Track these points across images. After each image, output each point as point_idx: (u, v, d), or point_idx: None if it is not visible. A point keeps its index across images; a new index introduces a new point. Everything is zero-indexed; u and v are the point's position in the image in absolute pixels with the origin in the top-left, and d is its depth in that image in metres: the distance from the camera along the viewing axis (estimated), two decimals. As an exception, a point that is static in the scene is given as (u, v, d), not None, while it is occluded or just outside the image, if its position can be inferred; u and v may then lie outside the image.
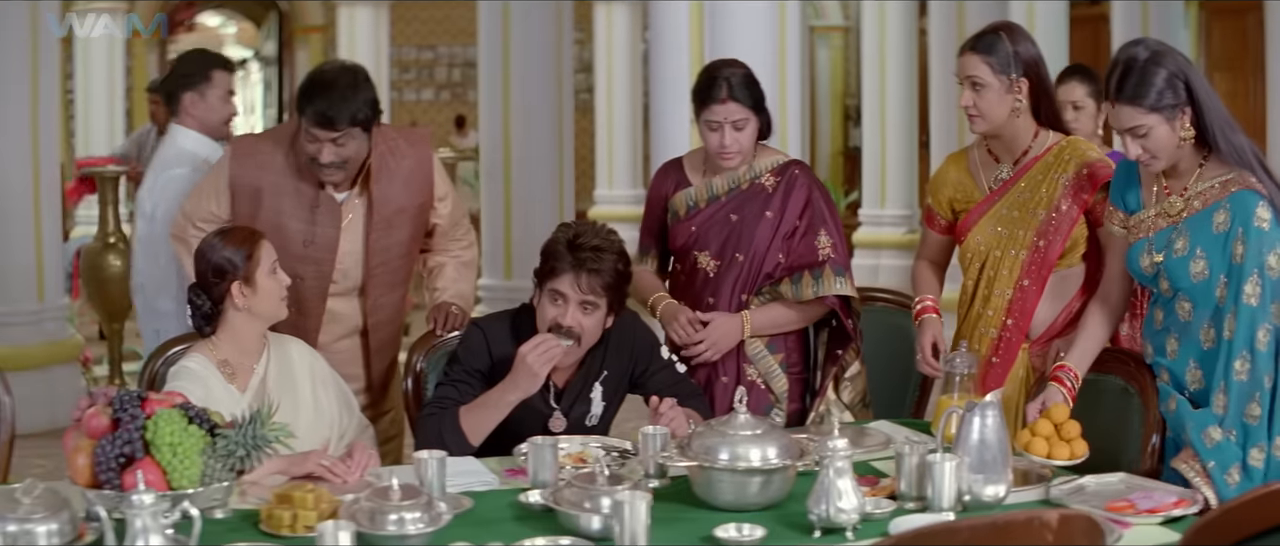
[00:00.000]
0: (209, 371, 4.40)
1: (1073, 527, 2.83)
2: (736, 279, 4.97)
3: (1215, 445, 3.99)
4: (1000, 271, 4.73)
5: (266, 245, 4.50)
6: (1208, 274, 4.06)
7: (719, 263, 4.99)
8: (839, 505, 3.60)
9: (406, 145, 5.11)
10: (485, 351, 4.62)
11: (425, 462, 3.95)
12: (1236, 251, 4.01)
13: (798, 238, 4.96)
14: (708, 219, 5.00)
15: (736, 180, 4.99)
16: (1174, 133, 4.05)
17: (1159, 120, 4.04)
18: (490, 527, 3.70)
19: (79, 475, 3.64)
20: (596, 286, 4.48)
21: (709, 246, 4.99)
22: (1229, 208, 4.05)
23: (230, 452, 3.66)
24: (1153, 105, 4.02)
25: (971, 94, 4.64)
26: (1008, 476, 3.87)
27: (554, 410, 4.64)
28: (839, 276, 4.94)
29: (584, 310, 4.50)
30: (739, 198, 4.98)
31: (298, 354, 4.62)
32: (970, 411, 3.90)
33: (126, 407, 3.63)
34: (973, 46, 4.66)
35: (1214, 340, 4.06)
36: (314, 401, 4.53)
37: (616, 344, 4.70)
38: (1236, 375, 3.99)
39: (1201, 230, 4.08)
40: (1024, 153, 4.71)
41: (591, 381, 4.68)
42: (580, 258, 4.46)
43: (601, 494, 3.62)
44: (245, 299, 4.42)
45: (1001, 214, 4.73)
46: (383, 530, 3.50)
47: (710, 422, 4.02)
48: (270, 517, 3.65)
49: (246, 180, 5.01)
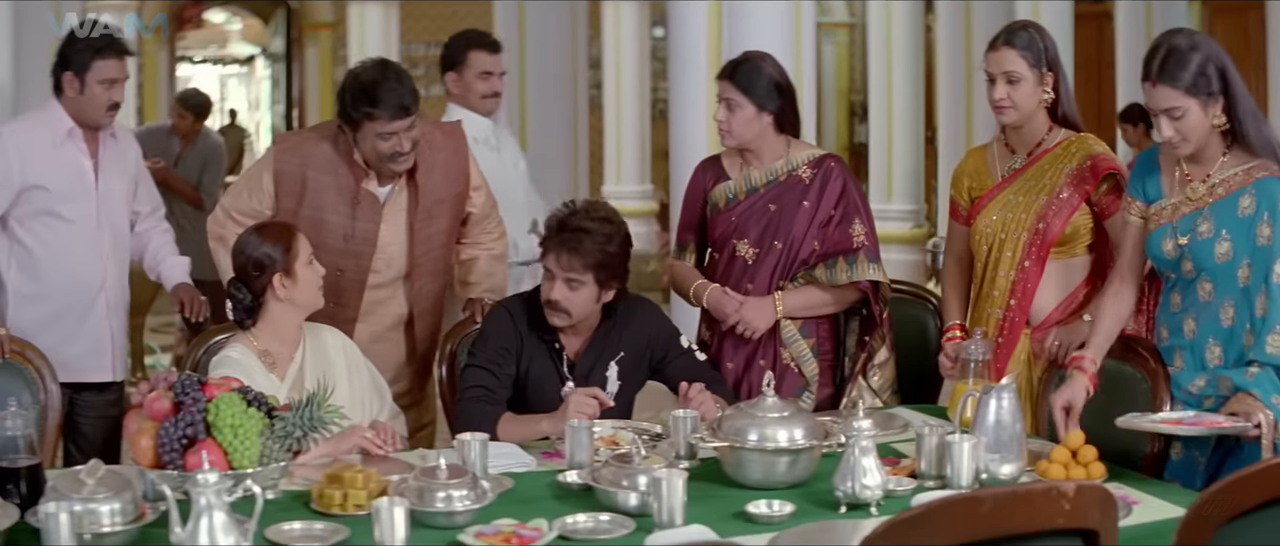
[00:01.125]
0: (251, 360, 4.54)
1: (1088, 498, 2.98)
2: (774, 265, 5.12)
3: (1254, 377, 4.11)
4: (1004, 253, 4.90)
5: (302, 238, 4.65)
6: (1232, 256, 4.21)
7: (758, 250, 5.13)
8: (863, 482, 3.79)
9: (443, 137, 5.30)
10: (512, 329, 4.84)
11: (468, 444, 4.12)
12: (1262, 233, 4.15)
13: (833, 226, 5.12)
14: (747, 209, 5.14)
15: (774, 173, 5.15)
16: (1207, 118, 4.19)
17: (1193, 104, 4.17)
18: (532, 505, 3.86)
19: (142, 456, 3.78)
20: (577, 265, 4.69)
21: (748, 235, 5.14)
22: (1254, 193, 4.19)
23: (288, 434, 3.81)
24: (1188, 88, 4.16)
25: (1006, 87, 4.79)
26: (1023, 455, 4.06)
27: (568, 380, 4.85)
28: (872, 263, 5.11)
29: (570, 286, 4.72)
30: (777, 189, 5.14)
31: (332, 342, 4.76)
32: (986, 394, 4.09)
33: (188, 391, 3.78)
34: (1008, 41, 4.81)
35: (1234, 319, 4.20)
36: (349, 387, 4.67)
37: (634, 328, 4.92)
38: (1270, 348, 4.12)
39: (1227, 214, 4.22)
40: (1037, 145, 4.88)
41: (607, 359, 4.88)
42: (562, 238, 4.71)
43: (639, 472, 3.79)
44: (286, 290, 4.56)
45: (1008, 199, 4.90)
46: (432, 507, 3.66)
47: (740, 405, 4.21)
48: (321, 497, 3.80)
49: (292, 171, 5.16)
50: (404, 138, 5.01)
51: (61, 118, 5.38)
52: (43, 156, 5.34)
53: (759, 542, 3.48)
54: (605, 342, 4.89)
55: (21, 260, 5.39)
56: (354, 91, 5.03)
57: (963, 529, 2.87)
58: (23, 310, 5.35)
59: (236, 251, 4.66)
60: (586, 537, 3.62)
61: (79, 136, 5.40)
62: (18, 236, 5.37)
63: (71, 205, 5.38)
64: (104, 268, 5.49)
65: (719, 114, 5.10)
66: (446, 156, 5.28)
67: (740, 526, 3.69)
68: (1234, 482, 3.24)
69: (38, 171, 5.33)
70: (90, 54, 5.34)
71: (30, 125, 5.45)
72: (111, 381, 5.59)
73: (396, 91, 4.98)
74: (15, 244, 5.38)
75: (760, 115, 5.08)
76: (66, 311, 5.42)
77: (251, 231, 4.70)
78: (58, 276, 5.39)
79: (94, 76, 5.34)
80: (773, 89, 5.09)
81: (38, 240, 5.36)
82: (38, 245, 5.36)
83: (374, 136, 5.01)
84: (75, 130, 5.38)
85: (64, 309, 5.42)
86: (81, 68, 5.34)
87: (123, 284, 5.63)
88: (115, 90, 5.39)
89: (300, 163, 5.17)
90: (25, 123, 5.53)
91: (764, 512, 3.76)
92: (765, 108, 5.07)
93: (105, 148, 5.47)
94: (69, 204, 5.37)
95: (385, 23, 19.68)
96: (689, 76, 6.52)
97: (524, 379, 4.85)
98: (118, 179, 5.53)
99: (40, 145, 5.35)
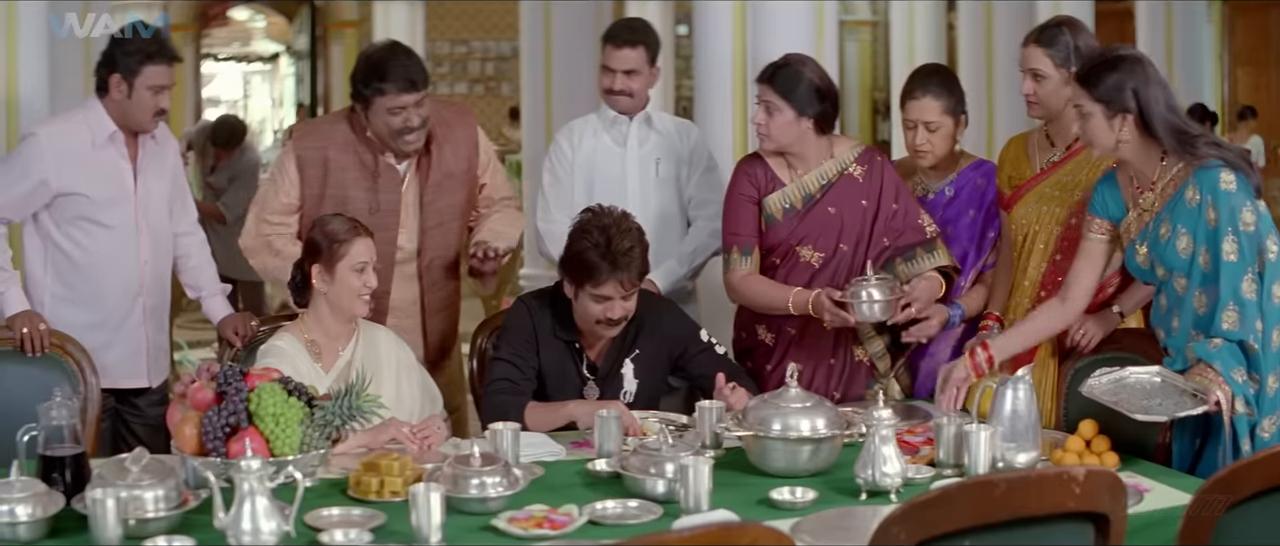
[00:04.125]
0: (297, 350, 4.65)
1: (1098, 483, 3.08)
2: (844, 267, 5.13)
3: (1218, 349, 4.21)
4: (1036, 245, 5.01)
5: (363, 243, 4.68)
6: (1192, 248, 4.31)
7: (824, 254, 5.14)
8: (883, 470, 3.91)
9: (453, 115, 5.46)
10: (530, 325, 4.94)
11: (500, 434, 4.25)
12: (1210, 218, 4.26)
13: (898, 218, 5.15)
14: (807, 216, 5.13)
15: (826, 175, 5.15)
16: (1112, 130, 4.38)
17: (1097, 110, 4.38)
18: (563, 492, 3.98)
19: (186, 444, 3.89)
20: (634, 277, 4.79)
21: (813, 241, 5.14)
22: (1196, 183, 4.31)
23: (327, 422, 3.92)
24: (1092, 90, 4.40)
25: (1032, 83, 4.93)
26: (1038, 444, 4.17)
27: (588, 380, 4.97)
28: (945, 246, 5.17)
29: (627, 299, 4.81)
30: (833, 191, 5.14)
31: (386, 343, 4.86)
32: (1003, 385, 4.20)
33: (231, 381, 3.90)
34: (1036, 39, 4.95)
35: (1206, 304, 4.29)
36: (396, 389, 4.76)
37: (650, 327, 5.01)
38: (1225, 323, 4.22)
39: (1178, 210, 4.34)
40: (1076, 139, 4.94)
41: (623, 357, 4.99)
42: (614, 261, 4.73)
43: (666, 460, 3.91)
44: (324, 284, 4.66)
45: (1044, 192, 5.01)
46: (466, 493, 3.79)
47: (764, 396, 4.32)
48: (358, 484, 3.92)
49: (313, 155, 5.30)
50: (413, 113, 5.16)
51: (103, 120, 5.21)
52: (81, 161, 5.20)
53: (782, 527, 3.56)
54: (624, 340, 4.99)
55: (59, 265, 5.28)
56: (364, 69, 5.21)
57: (978, 511, 2.98)
58: (61, 314, 5.24)
59: (311, 225, 4.82)
60: (615, 523, 3.73)
61: (121, 140, 5.24)
62: (55, 241, 5.26)
63: (110, 211, 5.26)
64: (143, 273, 5.36)
65: (757, 116, 5.12)
66: (458, 134, 5.43)
67: (764, 512, 3.80)
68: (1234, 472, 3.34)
69: (75, 177, 5.19)
70: (141, 58, 5.16)
71: (69, 127, 5.25)
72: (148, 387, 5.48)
73: (405, 67, 5.15)
74: (53, 249, 5.26)
75: (799, 120, 5.09)
76: (105, 318, 5.33)
77: (331, 215, 4.83)
78: (96, 283, 5.30)
79: (143, 82, 5.16)
80: (812, 93, 5.08)
81: (76, 245, 5.25)
82: (77, 250, 5.25)
83: (384, 112, 5.16)
84: (117, 134, 5.22)
85: (102, 316, 5.32)
86: (130, 71, 5.15)
87: (162, 286, 5.49)
88: (163, 97, 5.20)
89: (320, 145, 5.32)
90: (63, 125, 5.30)
91: (787, 499, 3.87)
92: (805, 113, 5.08)
93: (145, 150, 5.33)
94: (108, 210, 5.25)
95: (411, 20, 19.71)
96: (713, 74, 6.56)
97: (543, 375, 4.94)
98: (157, 180, 5.39)
99: (79, 148, 5.20)
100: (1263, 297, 4.21)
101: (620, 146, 5.81)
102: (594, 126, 5.87)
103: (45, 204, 5.22)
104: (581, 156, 5.80)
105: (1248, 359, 4.20)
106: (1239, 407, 4.15)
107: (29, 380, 4.91)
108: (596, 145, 5.81)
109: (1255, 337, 4.18)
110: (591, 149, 5.81)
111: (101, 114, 5.24)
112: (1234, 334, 4.21)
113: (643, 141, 5.81)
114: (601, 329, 4.85)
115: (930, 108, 5.19)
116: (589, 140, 5.83)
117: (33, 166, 5.17)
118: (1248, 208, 4.26)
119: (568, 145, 5.85)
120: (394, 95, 5.13)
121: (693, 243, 5.76)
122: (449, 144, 5.39)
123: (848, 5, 21.57)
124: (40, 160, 5.17)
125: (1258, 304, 4.21)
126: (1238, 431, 4.16)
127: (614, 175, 5.69)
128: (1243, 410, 4.15)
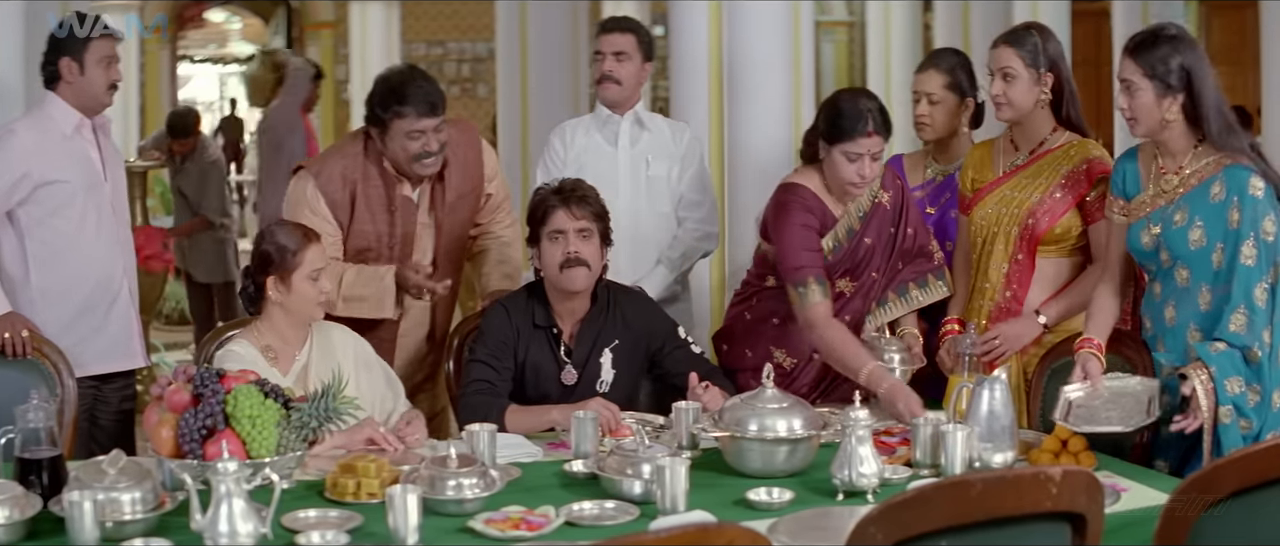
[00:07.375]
0: (253, 355, 4.63)
1: (1074, 482, 3.09)
2: (869, 293, 5.12)
3: (1219, 352, 4.26)
4: (996, 246, 5.02)
5: (316, 251, 4.68)
6: (1205, 242, 4.35)
7: (857, 284, 5.11)
8: (860, 470, 3.91)
9: (458, 133, 5.40)
10: (509, 323, 4.97)
11: (477, 435, 4.24)
12: (1232, 218, 4.30)
13: (911, 241, 5.15)
14: (851, 251, 5.07)
15: (862, 207, 5.08)
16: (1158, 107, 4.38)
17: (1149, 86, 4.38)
18: (540, 493, 3.98)
19: (163, 446, 3.89)
20: (587, 213, 4.88)
21: (851, 273, 5.09)
22: (1224, 180, 4.34)
23: (304, 424, 3.93)
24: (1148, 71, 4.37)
25: (1002, 84, 4.94)
26: (1014, 445, 4.19)
27: (566, 364, 4.98)
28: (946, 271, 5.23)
29: (582, 237, 4.87)
30: (869, 222, 5.08)
31: (341, 340, 4.84)
32: (979, 386, 4.22)
33: (207, 383, 3.89)
34: (1008, 41, 4.98)
35: (1212, 303, 4.34)
36: (356, 385, 4.70)
37: (629, 318, 5.04)
38: (1232, 326, 4.26)
39: (1199, 202, 4.37)
40: (1040, 144, 5.00)
41: (601, 346, 5.00)
42: (566, 196, 4.89)
43: (643, 461, 3.91)
44: (280, 295, 4.65)
45: (1005, 194, 5.02)
46: (443, 495, 3.79)
47: (740, 397, 4.33)
48: (335, 486, 3.92)
49: (338, 195, 5.21)
50: (432, 138, 5.11)
51: (67, 111, 5.38)
52: (58, 151, 5.35)
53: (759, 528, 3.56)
54: (600, 326, 5.01)
55: (44, 259, 5.35)
56: (383, 92, 5.15)
57: (954, 511, 2.98)
58: (50, 308, 5.33)
59: (258, 236, 4.78)
60: (592, 524, 3.73)
61: (88, 128, 5.43)
62: (36, 236, 5.34)
63: (89, 196, 5.39)
64: (125, 255, 5.55)
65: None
66: (464, 152, 5.40)
67: (741, 512, 3.80)
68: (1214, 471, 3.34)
69: (55, 165, 5.32)
70: (85, 36, 5.37)
71: (41, 121, 5.41)
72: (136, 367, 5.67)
73: (424, 90, 5.10)
74: (35, 244, 5.34)
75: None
76: (95, 303, 5.44)
77: (279, 223, 4.80)
78: (82, 269, 5.40)
79: (92, 57, 5.36)
80: None
81: (59, 235, 5.34)
82: (59, 240, 5.34)
83: (403, 136, 5.10)
84: (83, 122, 5.40)
85: (91, 302, 5.43)
86: (78, 51, 5.36)
87: (134, 268, 5.69)
88: (114, 70, 5.43)
89: (344, 181, 5.23)
90: (36, 119, 5.45)
91: (764, 499, 3.88)
92: None
93: (104, 137, 5.54)
94: (87, 195, 5.37)
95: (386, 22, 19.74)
96: (690, 75, 6.57)
97: (523, 368, 4.97)
98: (118, 168, 5.62)
99: (55, 139, 5.35)
100: (1274, 309, 4.25)
101: (612, 145, 5.87)
102: (587, 126, 5.96)
103: (22, 200, 5.30)
104: (573, 154, 5.86)
105: (1249, 367, 4.24)
106: (1224, 417, 4.21)
107: (6, 383, 4.91)
108: (588, 144, 5.88)
109: (1261, 346, 4.23)
110: (583, 147, 5.87)
111: (62, 105, 5.42)
112: (1240, 337, 4.25)
113: (634, 140, 5.88)
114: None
115: (933, 80, 5.40)
116: (581, 139, 5.90)
117: (15, 160, 5.29)
118: (1270, 217, 4.30)
119: (561, 143, 5.91)
120: (414, 119, 5.08)
121: (682, 246, 5.81)
122: (457, 164, 5.37)
123: (824, 5, 21.62)
124: (22, 153, 5.30)
125: (1268, 313, 4.26)
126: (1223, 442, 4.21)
127: (605, 173, 5.69)
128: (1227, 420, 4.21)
